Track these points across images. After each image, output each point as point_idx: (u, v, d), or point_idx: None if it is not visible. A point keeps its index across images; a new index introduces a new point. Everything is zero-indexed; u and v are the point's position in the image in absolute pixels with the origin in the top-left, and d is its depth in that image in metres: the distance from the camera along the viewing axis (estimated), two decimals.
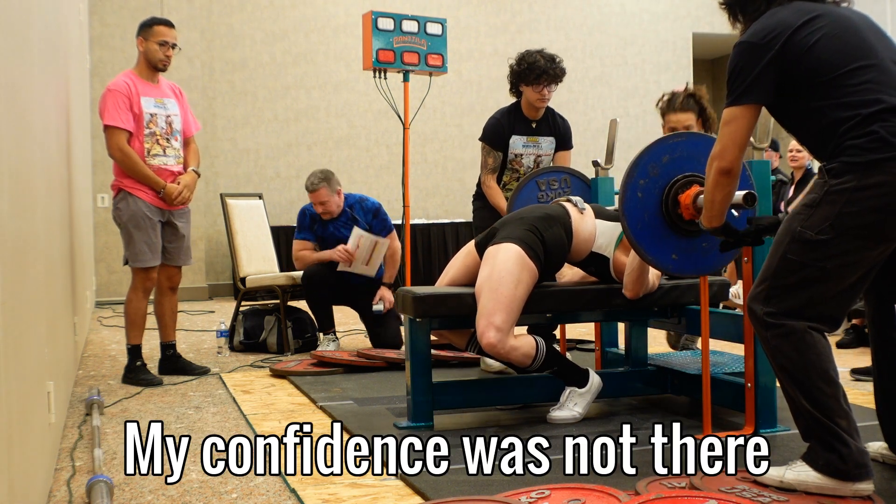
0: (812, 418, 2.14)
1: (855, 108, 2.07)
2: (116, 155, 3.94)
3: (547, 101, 4.31)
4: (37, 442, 2.17)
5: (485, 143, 4.35)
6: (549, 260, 3.06)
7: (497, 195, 4.30)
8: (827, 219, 2.07)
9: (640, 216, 2.65)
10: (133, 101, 3.96)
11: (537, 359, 2.99)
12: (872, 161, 2.02)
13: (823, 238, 2.07)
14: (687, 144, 2.68)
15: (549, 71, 4.20)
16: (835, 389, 2.12)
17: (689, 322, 3.21)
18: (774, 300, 2.14)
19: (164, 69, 4.12)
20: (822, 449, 2.13)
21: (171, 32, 4.11)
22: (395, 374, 4.00)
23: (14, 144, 1.91)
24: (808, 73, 2.13)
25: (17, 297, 1.87)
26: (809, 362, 2.11)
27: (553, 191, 3.79)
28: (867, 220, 2.05)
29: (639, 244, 2.67)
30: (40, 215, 2.45)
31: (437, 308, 2.99)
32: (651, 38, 9.96)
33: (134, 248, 3.97)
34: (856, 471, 2.11)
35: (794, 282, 2.12)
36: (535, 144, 4.33)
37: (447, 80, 8.66)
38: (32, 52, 2.39)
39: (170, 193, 4.02)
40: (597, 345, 3.76)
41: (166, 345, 4.28)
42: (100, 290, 7.88)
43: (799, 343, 2.11)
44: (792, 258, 2.12)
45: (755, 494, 2.13)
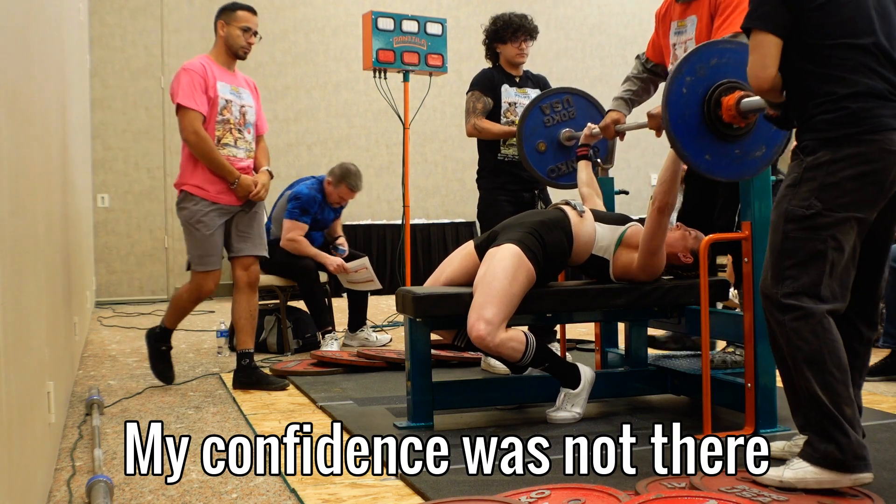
0: (817, 406, 2.14)
1: (834, 83, 2.16)
2: (191, 138, 3.66)
3: (526, 57, 4.34)
4: (37, 442, 2.17)
5: (474, 91, 4.31)
6: (549, 264, 3.06)
7: (494, 125, 4.25)
8: (812, 192, 2.16)
9: (681, 111, 2.66)
10: (209, 84, 3.74)
11: (527, 354, 2.96)
12: (843, 135, 2.13)
13: (814, 212, 2.15)
14: (735, 53, 2.68)
15: (525, 25, 4.29)
16: (845, 377, 2.14)
17: (689, 322, 3.21)
18: (789, 281, 2.17)
19: (244, 57, 3.92)
20: (821, 440, 2.14)
21: (254, 19, 3.93)
22: (395, 374, 4.00)
23: (14, 144, 1.91)
24: (807, 31, 2.20)
25: (17, 297, 1.87)
26: (825, 346, 2.13)
27: (557, 112, 3.89)
28: (847, 189, 2.14)
29: (676, 138, 2.67)
30: (40, 215, 2.45)
31: (437, 308, 2.99)
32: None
33: (193, 251, 3.76)
34: (854, 462, 2.11)
35: (804, 258, 2.17)
36: (525, 96, 4.32)
37: (447, 80, 8.64)
38: (32, 52, 2.39)
39: (246, 186, 3.76)
40: (597, 345, 3.76)
41: (243, 353, 3.84)
42: (100, 290, 7.88)
43: (817, 326, 2.14)
44: (794, 236, 2.18)
45: (755, 494, 2.13)
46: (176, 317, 3.93)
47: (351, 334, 5.08)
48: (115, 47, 7.98)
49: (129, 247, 8.06)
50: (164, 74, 8.07)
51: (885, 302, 3.74)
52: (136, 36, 8.04)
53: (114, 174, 8.02)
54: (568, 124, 3.92)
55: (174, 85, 3.75)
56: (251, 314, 3.88)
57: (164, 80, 8.07)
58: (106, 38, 7.97)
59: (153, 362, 3.94)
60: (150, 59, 8.09)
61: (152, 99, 8.08)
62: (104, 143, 7.94)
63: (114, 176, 8.02)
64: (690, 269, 3.19)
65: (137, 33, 8.05)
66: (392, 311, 6.72)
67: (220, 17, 3.92)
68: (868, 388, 3.50)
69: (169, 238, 8.14)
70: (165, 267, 8.17)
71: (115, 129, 7.99)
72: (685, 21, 3.34)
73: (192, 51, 8.14)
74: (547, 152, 3.93)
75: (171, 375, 3.94)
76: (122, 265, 8.04)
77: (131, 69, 8.03)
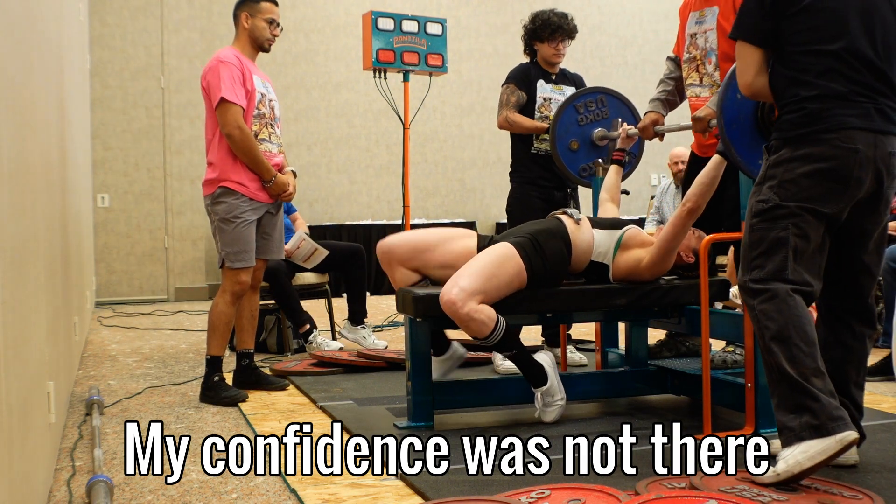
0: (786, 380, 2.20)
1: (799, 86, 2.31)
2: (235, 133, 3.51)
3: (562, 57, 4.33)
4: (37, 442, 2.17)
5: (510, 83, 4.31)
6: (549, 272, 3.05)
7: (526, 119, 4.25)
8: (772, 188, 2.31)
9: (735, 116, 2.69)
10: (246, 77, 3.61)
11: (495, 332, 2.89)
12: (801, 134, 2.29)
13: (772, 204, 2.30)
14: None
15: (564, 26, 4.26)
16: (813, 350, 2.22)
17: (689, 322, 3.21)
18: (756, 269, 2.32)
19: (268, 49, 3.79)
20: (795, 416, 2.17)
21: (277, 10, 3.77)
22: (395, 374, 4.00)
23: (14, 144, 1.91)
24: (784, 38, 2.34)
25: (17, 297, 1.87)
26: (790, 321, 2.23)
27: (591, 112, 3.90)
28: (803, 185, 2.28)
29: (730, 142, 2.69)
30: (40, 215, 2.45)
31: (437, 308, 2.99)
32: (651, 38, 9.96)
33: (229, 247, 3.60)
34: (830, 423, 2.13)
35: (766, 249, 2.31)
36: (561, 92, 4.31)
37: (447, 80, 8.66)
38: (32, 52, 2.39)
39: (281, 185, 3.66)
40: (597, 345, 3.76)
41: (242, 353, 3.81)
42: (100, 290, 7.88)
43: (781, 304, 2.25)
44: (757, 228, 2.33)
45: (755, 494, 2.12)
46: (219, 337, 3.65)
47: (352, 327, 5.02)
48: (115, 47, 7.98)
49: (129, 247, 8.06)
50: (164, 74, 8.07)
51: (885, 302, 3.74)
52: (136, 36, 8.04)
53: (114, 174, 8.02)
54: (601, 124, 3.93)
55: (212, 79, 3.56)
56: (252, 314, 3.84)
57: (164, 80, 8.07)
58: (106, 38, 7.97)
59: (215, 395, 3.56)
60: (150, 59, 8.08)
61: (152, 99, 8.08)
62: (104, 143, 7.94)
63: (114, 176, 8.02)
64: (692, 269, 3.19)
65: (137, 33, 8.05)
66: (392, 310, 6.72)
67: (242, 8, 3.72)
68: (868, 388, 3.50)
69: (169, 238, 8.14)
70: (165, 267, 8.17)
71: (115, 129, 7.99)
72: (705, 11, 3.35)
73: (191, 51, 8.15)
74: (579, 151, 3.93)
75: (242, 395, 3.59)
76: (122, 265, 8.04)
77: (131, 69, 8.02)
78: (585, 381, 3.40)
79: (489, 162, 9.38)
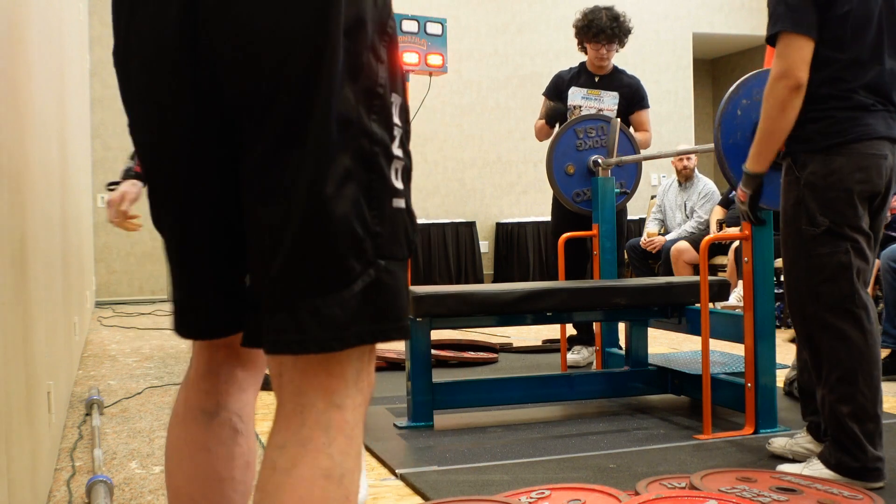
0: (838, 421, 2.21)
1: (830, 91, 2.21)
2: None
3: (607, 61, 4.22)
4: (37, 442, 2.17)
5: (544, 95, 4.39)
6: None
7: (542, 132, 4.33)
8: (818, 209, 2.22)
9: (733, 132, 2.68)
10: None
11: None
12: (831, 146, 2.21)
13: (825, 227, 2.21)
14: None
15: (608, 30, 4.12)
16: (875, 395, 2.22)
17: (689, 322, 3.21)
18: (825, 296, 2.23)
19: None
20: (838, 448, 2.22)
21: None
22: (395, 374, 3.99)
23: (13, 144, 1.91)
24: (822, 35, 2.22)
25: (17, 297, 1.87)
26: (859, 365, 2.19)
27: (590, 138, 3.88)
28: (845, 198, 2.21)
29: (725, 159, 2.68)
30: (39, 215, 2.45)
31: (437, 308, 2.99)
32: (651, 38, 9.96)
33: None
34: (867, 473, 2.20)
35: (830, 274, 2.22)
36: (597, 98, 4.23)
37: (447, 80, 8.65)
38: (31, 52, 2.39)
39: None
40: (597, 345, 3.76)
41: None
42: (100, 290, 7.88)
43: (852, 346, 2.21)
44: (817, 254, 2.23)
45: (755, 494, 2.12)
46: None
47: None
48: None
49: (129, 247, 8.06)
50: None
51: (885, 302, 3.74)
52: None
53: (114, 174, 7.98)
54: (598, 151, 3.91)
55: None
56: None
57: None
58: (106, 38, 7.94)
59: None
60: None
61: None
62: (104, 143, 7.94)
63: (114, 176, 7.99)
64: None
65: None
66: None
67: None
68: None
69: None
70: (165, 267, 8.16)
71: (115, 129, 7.98)
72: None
73: None
74: (574, 176, 3.92)
75: None
76: (122, 265, 8.04)
77: None
78: (585, 381, 3.41)
79: (489, 162, 9.38)
